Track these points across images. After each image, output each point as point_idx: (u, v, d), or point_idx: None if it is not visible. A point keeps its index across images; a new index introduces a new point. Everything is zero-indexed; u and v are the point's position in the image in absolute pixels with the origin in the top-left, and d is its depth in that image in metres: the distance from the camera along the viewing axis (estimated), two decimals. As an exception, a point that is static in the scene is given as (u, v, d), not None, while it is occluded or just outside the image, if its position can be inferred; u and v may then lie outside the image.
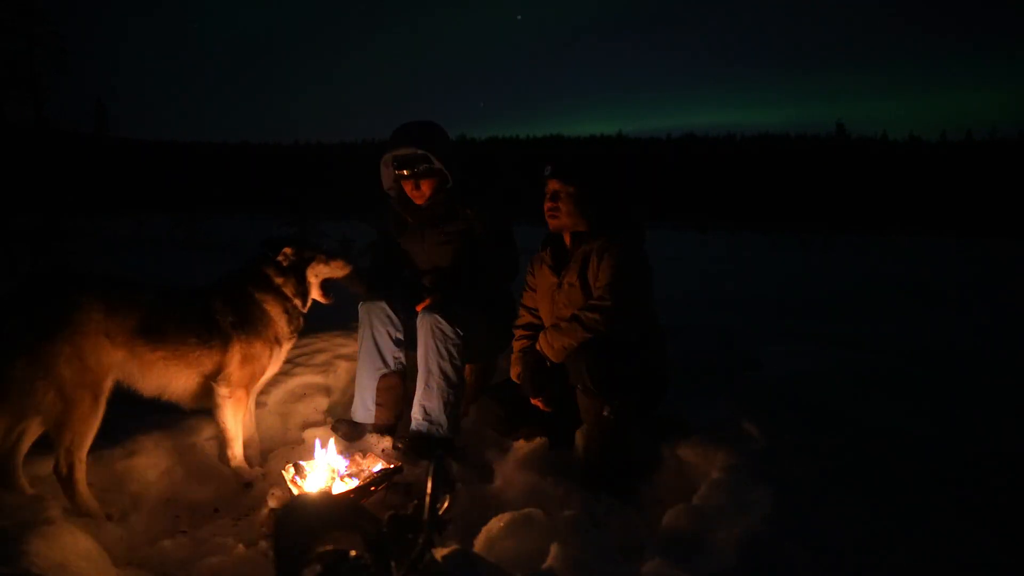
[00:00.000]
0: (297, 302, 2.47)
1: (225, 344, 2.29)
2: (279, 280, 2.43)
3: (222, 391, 2.28)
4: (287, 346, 2.50)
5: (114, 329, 2.06)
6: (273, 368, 2.49)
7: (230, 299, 2.35)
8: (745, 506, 1.74)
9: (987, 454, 2.09)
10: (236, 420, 2.32)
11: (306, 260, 2.49)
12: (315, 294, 2.55)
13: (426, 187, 2.71)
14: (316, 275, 2.52)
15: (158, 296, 2.24)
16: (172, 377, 2.22)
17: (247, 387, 2.35)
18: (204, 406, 2.34)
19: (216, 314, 2.30)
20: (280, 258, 2.44)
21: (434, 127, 2.77)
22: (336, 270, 2.58)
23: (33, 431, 2.05)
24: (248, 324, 2.34)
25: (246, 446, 2.42)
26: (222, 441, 2.35)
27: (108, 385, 2.06)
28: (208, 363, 2.28)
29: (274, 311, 2.41)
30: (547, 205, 2.44)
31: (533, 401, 2.46)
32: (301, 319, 2.51)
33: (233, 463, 2.34)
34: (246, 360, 2.32)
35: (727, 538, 1.59)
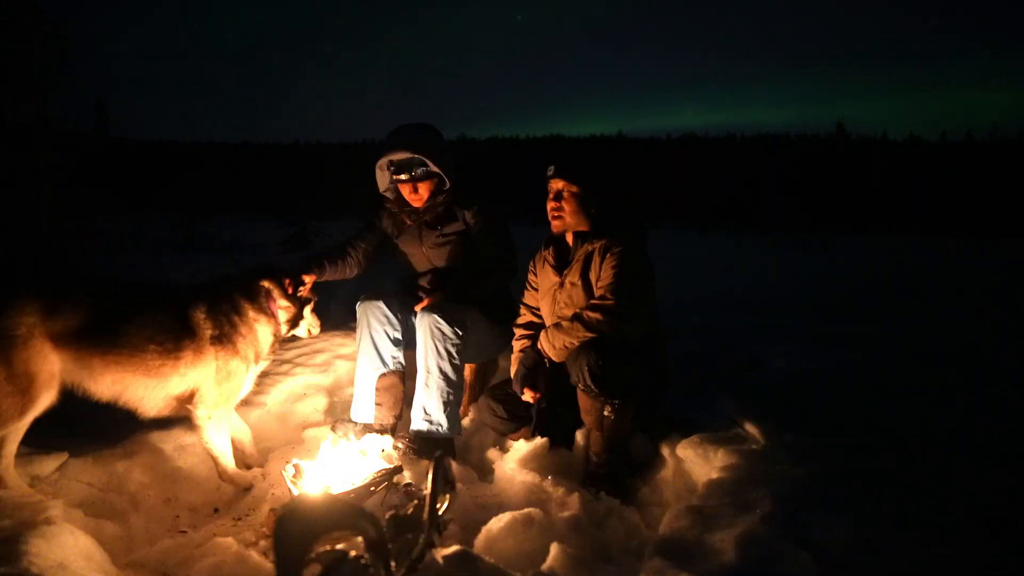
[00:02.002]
0: (286, 326, 2.43)
1: (197, 356, 2.15)
2: (286, 303, 2.40)
3: (200, 413, 2.19)
4: (261, 367, 2.43)
5: (56, 331, 1.95)
6: (248, 387, 2.40)
7: (217, 309, 2.21)
8: (745, 506, 1.74)
9: (988, 454, 2.09)
10: (221, 436, 2.25)
11: (307, 300, 2.53)
12: (303, 330, 2.55)
13: (424, 190, 2.71)
14: (305, 319, 2.54)
15: (117, 296, 2.11)
16: (127, 384, 2.08)
17: (227, 402, 2.27)
18: (166, 415, 2.23)
19: (195, 323, 2.16)
20: (302, 289, 2.46)
21: (429, 130, 2.76)
22: (308, 325, 2.57)
23: (14, 435, 2.00)
24: (230, 339, 2.22)
25: (240, 449, 2.40)
26: (211, 457, 2.28)
27: (44, 391, 1.95)
28: (171, 373, 2.12)
29: (263, 331, 2.33)
30: (550, 205, 2.44)
31: (523, 398, 2.46)
32: (277, 344, 2.45)
33: (225, 477, 2.29)
34: (224, 378, 2.21)
35: (727, 538, 1.59)
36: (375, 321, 2.69)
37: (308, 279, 2.58)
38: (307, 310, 2.53)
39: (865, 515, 1.68)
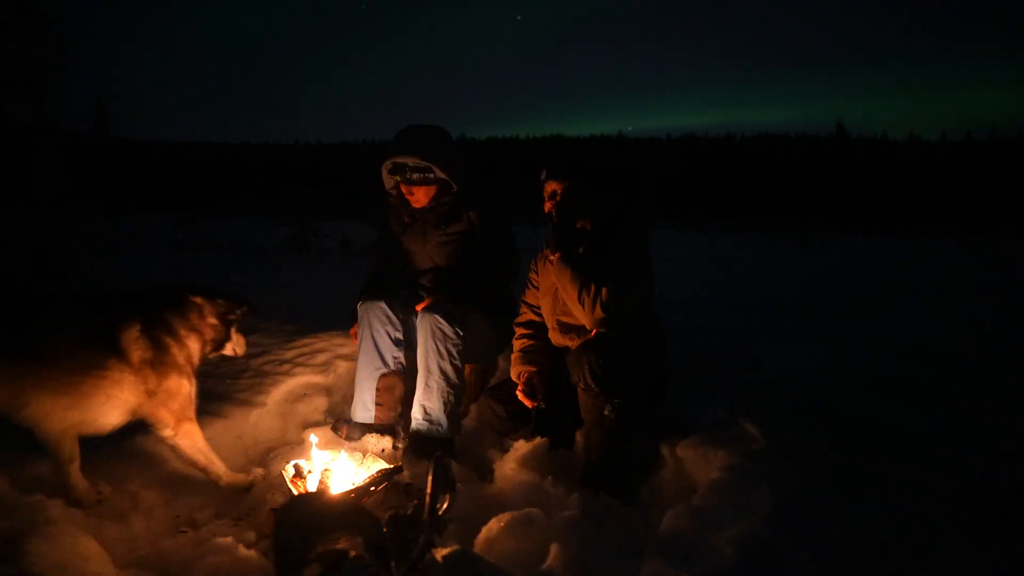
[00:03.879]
0: (210, 345, 2.28)
1: (127, 377, 2.01)
2: (215, 321, 2.26)
3: (166, 434, 2.11)
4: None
5: None
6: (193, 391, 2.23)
7: (150, 329, 2.07)
8: (745, 506, 1.74)
9: (987, 454, 2.09)
10: (199, 443, 2.18)
11: (234, 322, 2.34)
12: (227, 350, 2.36)
13: (420, 193, 2.72)
14: (231, 339, 2.36)
15: (22, 303, 1.97)
16: (29, 400, 1.88)
17: (187, 415, 2.16)
18: (71, 435, 2.03)
19: (126, 343, 2.01)
20: (235, 315, 2.31)
21: (436, 135, 2.76)
22: (233, 345, 2.37)
23: None
24: (164, 360, 2.08)
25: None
26: (201, 468, 2.21)
27: None
28: (93, 392, 1.95)
29: (194, 347, 2.21)
30: (547, 205, 2.47)
31: (521, 396, 2.47)
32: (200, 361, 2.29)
33: (222, 482, 2.23)
34: (168, 397, 2.10)
35: (727, 538, 1.59)
36: (377, 322, 2.69)
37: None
38: (233, 331, 2.36)
39: (865, 515, 1.68)
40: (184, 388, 2.16)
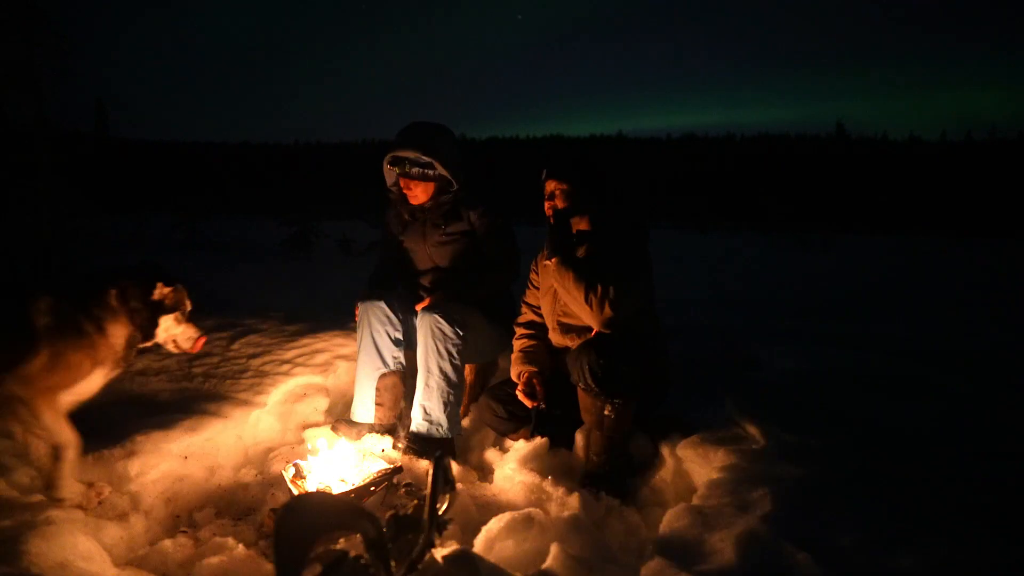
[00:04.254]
0: (137, 333, 2.12)
1: (24, 347, 1.90)
2: (138, 304, 2.09)
3: (13, 388, 1.88)
4: (111, 373, 2.10)
5: None
6: (88, 388, 2.06)
7: (59, 305, 1.98)
8: (745, 506, 1.74)
9: (988, 453, 2.09)
10: (43, 427, 1.95)
11: (167, 308, 2.16)
12: (162, 340, 2.19)
13: (419, 189, 2.72)
14: (166, 329, 2.18)
15: None
16: None
17: (47, 393, 1.95)
18: None
19: (32, 313, 1.93)
20: (156, 295, 2.12)
21: (438, 131, 2.76)
22: (171, 336, 2.20)
23: None
24: (68, 332, 1.97)
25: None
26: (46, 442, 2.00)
27: None
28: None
29: (114, 330, 2.06)
30: (546, 204, 2.47)
31: (521, 396, 2.47)
32: (133, 353, 2.15)
33: (61, 457, 1.97)
34: (54, 364, 1.93)
35: (727, 538, 1.59)
36: (376, 322, 2.69)
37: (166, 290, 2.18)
38: (168, 320, 2.16)
39: (865, 515, 1.68)
40: (76, 370, 1.98)
